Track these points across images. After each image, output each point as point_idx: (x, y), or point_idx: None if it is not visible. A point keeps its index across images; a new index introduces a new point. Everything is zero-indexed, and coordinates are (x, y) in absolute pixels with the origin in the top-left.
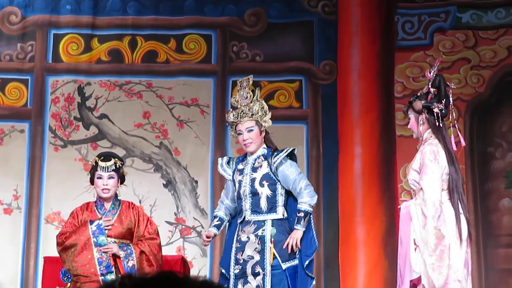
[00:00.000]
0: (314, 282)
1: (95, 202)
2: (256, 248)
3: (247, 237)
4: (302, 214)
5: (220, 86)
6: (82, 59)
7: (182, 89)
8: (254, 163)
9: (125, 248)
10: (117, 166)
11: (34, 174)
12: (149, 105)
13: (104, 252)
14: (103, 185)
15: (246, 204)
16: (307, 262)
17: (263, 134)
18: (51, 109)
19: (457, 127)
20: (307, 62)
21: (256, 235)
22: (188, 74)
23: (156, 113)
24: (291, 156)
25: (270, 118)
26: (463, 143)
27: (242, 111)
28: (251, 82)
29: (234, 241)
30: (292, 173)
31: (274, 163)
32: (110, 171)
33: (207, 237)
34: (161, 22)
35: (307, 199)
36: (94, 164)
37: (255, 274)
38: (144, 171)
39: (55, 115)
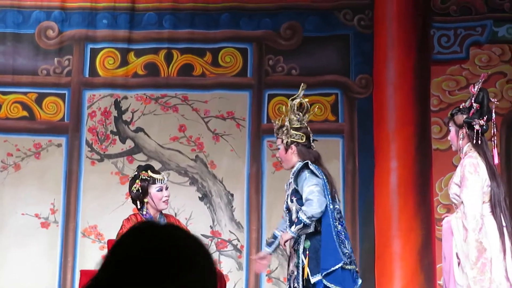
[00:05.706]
0: None
1: (144, 215)
2: (295, 262)
3: (290, 252)
4: (296, 220)
5: (256, 99)
6: (119, 73)
7: (218, 103)
8: (291, 178)
9: None
10: None
11: (71, 188)
12: (184, 118)
13: None
14: (165, 196)
15: (287, 220)
16: (322, 274)
17: (291, 150)
18: (87, 123)
19: (494, 142)
20: (343, 75)
21: (294, 249)
22: (224, 87)
23: (191, 126)
24: (314, 168)
25: (300, 131)
26: (496, 160)
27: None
28: (299, 93)
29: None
30: (304, 185)
31: (295, 177)
32: (166, 182)
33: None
34: (197, 35)
35: (304, 208)
36: (148, 178)
37: None
38: (179, 184)
39: (91, 129)
